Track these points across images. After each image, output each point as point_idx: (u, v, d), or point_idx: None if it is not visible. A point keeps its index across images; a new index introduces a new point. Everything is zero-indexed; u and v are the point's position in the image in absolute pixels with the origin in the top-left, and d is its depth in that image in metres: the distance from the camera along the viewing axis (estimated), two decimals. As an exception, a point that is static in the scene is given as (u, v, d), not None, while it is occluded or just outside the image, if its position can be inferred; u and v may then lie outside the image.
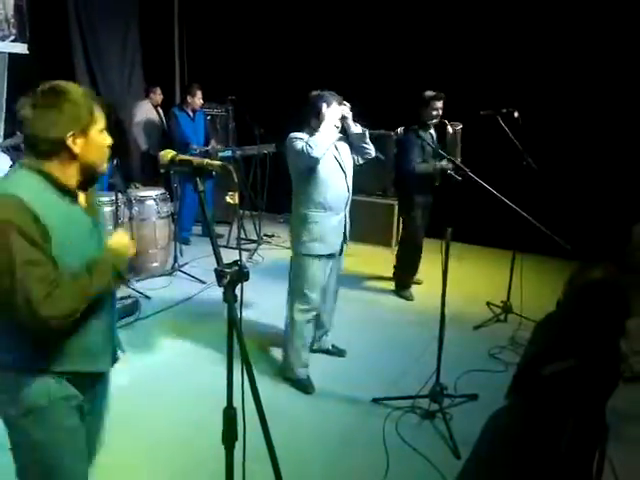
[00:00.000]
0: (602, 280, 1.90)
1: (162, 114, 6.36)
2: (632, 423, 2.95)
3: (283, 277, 5.05)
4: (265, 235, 6.26)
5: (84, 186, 1.61)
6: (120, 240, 1.67)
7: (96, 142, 1.55)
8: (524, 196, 3.50)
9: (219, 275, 1.39)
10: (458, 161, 3.92)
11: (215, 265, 1.43)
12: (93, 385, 1.73)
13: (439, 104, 4.22)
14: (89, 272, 1.53)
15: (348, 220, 3.31)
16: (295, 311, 3.27)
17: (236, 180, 1.45)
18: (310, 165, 3.05)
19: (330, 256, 3.24)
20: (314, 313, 3.31)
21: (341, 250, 3.34)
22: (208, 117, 6.30)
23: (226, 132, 6.64)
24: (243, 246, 5.91)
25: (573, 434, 1.84)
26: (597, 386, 1.88)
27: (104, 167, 1.62)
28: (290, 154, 3.13)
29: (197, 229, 6.34)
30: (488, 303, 4.48)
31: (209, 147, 5.81)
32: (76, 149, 1.51)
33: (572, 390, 1.84)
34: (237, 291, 1.45)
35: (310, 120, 3.16)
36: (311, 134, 3.09)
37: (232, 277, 1.39)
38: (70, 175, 1.55)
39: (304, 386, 3.29)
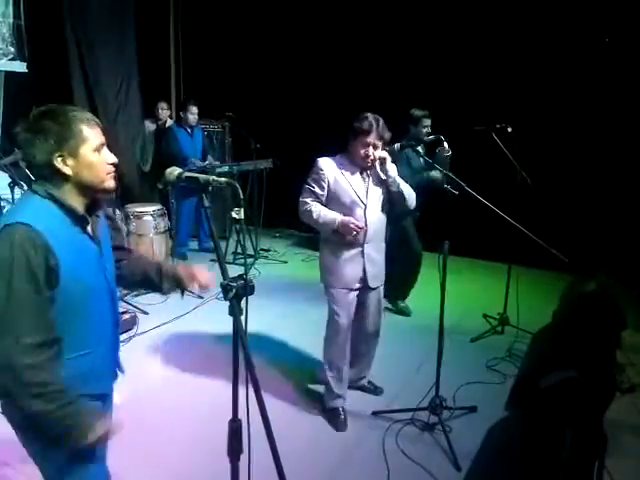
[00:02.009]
0: (597, 292, 1.93)
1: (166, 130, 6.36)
2: (630, 434, 2.97)
3: (279, 291, 5.12)
4: (262, 250, 6.29)
5: (90, 210, 1.60)
6: (104, 430, 1.54)
7: (89, 161, 1.51)
8: (519, 210, 3.55)
9: (225, 289, 1.41)
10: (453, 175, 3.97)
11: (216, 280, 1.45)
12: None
13: (428, 122, 4.30)
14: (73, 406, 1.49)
15: (372, 257, 3.04)
16: (326, 340, 3.16)
17: (242, 196, 1.47)
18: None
19: (350, 290, 3.05)
20: (343, 341, 3.12)
21: (368, 289, 3.10)
22: (205, 133, 6.34)
23: (223, 148, 6.70)
24: (240, 261, 5.93)
25: (572, 446, 1.86)
26: (595, 397, 1.90)
27: (107, 185, 1.57)
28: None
29: (193, 244, 6.35)
30: (485, 315, 4.51)
31: (206, 163, 5.84)
32: (67, 170, 1.49)
33: (570, 402, 1.86)
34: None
35: (348, 140, 2.98)
36: (340, 163, 2.98)
37: (238, 291, 1.42)
38: (74, 199, 1.53)
39: (333, 417, 3.12)
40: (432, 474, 2.68)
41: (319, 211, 2.95)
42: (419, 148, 4.33)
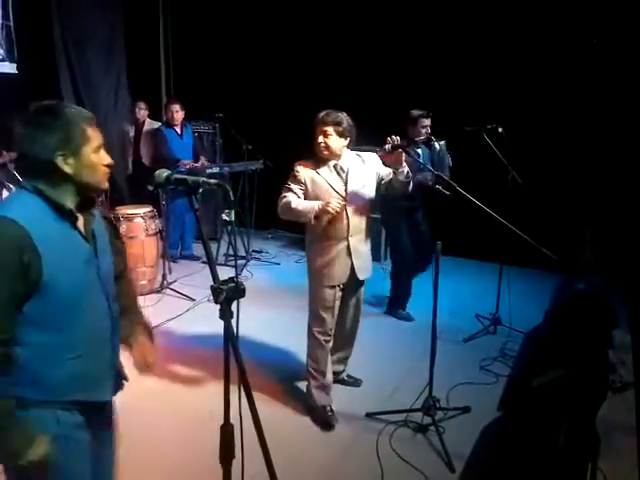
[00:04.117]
0: (588, 291, 1.94)
1: (145, 132, 6.31)
2: (623, 433, 2.97)
3: (271, 294, 5.10)
4: (254, 251, 6.26)
5: (82, 208, 1.58)
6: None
7: (90, 161, 1.52)
8: (510, 209, 3.55)
9: (215, 292, 1.40)
10: (447, 176, 3.98)
11: (205, 282, 1.43)
12: (98, 415, 1.69)
13: (427, 122, 4.25)
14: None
15: (358, 250, 3.11)
16: (311, 332, 3.19)
17: (232, 198, 1.46)
18: None
19: (337, 287, 3.11)
20: (329, 337, 3.17)
21: (355, 283, 3.19)
22: (195, 134, 6.30)
23: (214, 149, 6.66)
24: (231, 263, 5.90)
25: (565, 445, 1.86)
26: (587, 397, 1.90)
27: (103, 186, 1.58)
28: None
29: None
30: (477, 315, 4.52)
31: (198, 164, 5.81)
32: (68, 169, 1.49)
33: (563, 401, 1.87)
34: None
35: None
36: (314, 163, 3.05)
37: (228, 294, 1.40)
38: (67, 196, 1.52)
39: (321, 418, 3.13)
40: (426, 476, 2.67)
41: (297, 200, 3.02)
42: (419, 150, 4.32)
